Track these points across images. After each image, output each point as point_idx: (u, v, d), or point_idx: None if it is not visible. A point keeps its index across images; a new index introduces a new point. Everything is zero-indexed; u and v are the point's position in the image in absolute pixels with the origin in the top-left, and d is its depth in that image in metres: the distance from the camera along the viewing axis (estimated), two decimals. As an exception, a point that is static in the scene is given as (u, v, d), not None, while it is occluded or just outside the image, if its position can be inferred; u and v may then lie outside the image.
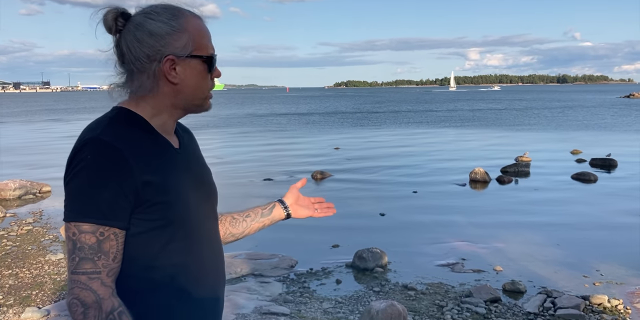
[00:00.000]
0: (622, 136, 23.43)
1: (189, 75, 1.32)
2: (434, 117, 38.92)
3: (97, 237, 1.18)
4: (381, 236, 8.30)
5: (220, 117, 41.28)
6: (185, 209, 1.31)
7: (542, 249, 7.66)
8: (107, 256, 1.19)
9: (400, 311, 4.76)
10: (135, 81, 1.30)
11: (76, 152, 1.22)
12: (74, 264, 1.18)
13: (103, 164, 1.19)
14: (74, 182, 1.20)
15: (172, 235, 1.28)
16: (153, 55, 1.28)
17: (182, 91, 1.32)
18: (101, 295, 1.18)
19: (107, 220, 1.19)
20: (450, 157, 17.07)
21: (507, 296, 6.01)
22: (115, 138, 1.22)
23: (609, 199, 10.87)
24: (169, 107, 1.34)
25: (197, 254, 1.35)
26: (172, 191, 1.28)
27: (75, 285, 1.18)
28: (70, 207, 1.21)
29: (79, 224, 1.18)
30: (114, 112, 1.32)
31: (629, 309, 5.69)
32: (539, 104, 61.40)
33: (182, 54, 1.30)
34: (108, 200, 1.18)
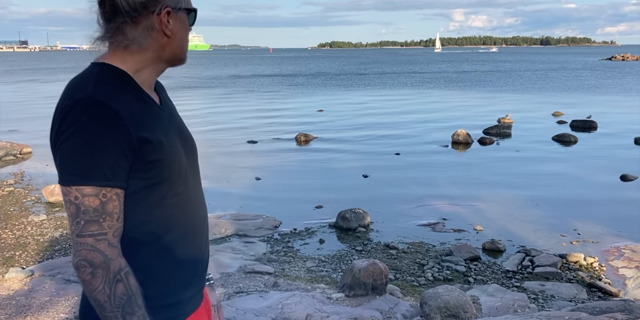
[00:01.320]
0: (603, 98, 23.62)
1: (178, 28, 1.32)
2: (420, 79, 38.78)
3: (101, 199, 1.18)
4: (364, 197, 8.38)
5: (204, 78, 40.70)
6: (177, 166, 1.32)
7: (521, 209, 7.81)
8: (112, 217, 1.20)
9: (382, 269, 4.85)
10: (128, 34, 1.26)
11: (67, 112, 1.17)
12: (79, 227, 1.18)
13: (99, 124, 1.16)
14: (70, 144, 1.16)
15: (166, 191, 1.29)
16: (152, 6, 1.26)
17: (171, 44, 1.32)
18: (109, 256, 1.18)
19: (109, 181, 1.18)
20: (433, 119, 17.12)
21: (486, 255, 6.15)
22: (109, 97, 1.19)
23: (588, 160, 11.05)
24: (154, 60, 1.32)
25: (188, 208, 1.37)
26: (165, 148, 1.28)
27: (82, 248, 1.18)
28: (68, 170, 1.18)
29: (80, 187, 1.17)
30: (98, 68, 1.27)
31: (603, 266, 5.87)
32: (524, 65, 61.37)
33: (177, 6, 1.30)
34: (108, 162, 1.17)
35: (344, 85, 33.63)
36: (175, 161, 1.31)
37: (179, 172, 1.33)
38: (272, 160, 11.24)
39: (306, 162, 10.99)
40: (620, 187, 9.05)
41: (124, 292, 1.19)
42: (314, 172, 10.13)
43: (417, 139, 13.64)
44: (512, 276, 5.55)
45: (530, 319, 3.92)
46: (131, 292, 1.21)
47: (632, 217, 7.42)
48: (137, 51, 1.29)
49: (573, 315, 3.84)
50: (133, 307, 1.21)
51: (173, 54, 1.34)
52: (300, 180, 9.56)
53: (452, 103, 22.20)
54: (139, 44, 1.28)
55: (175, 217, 1.33)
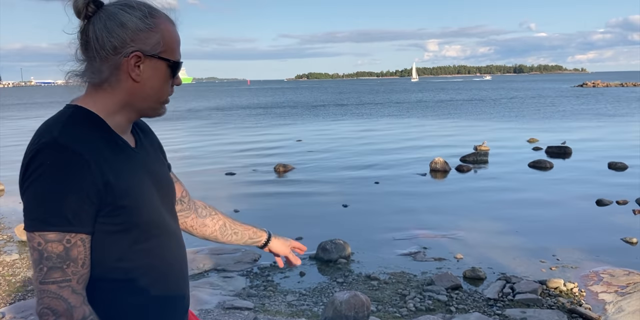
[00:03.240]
0: (577, 124, 24.12)
1: (151, 75, 1.28)
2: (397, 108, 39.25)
3: (64, 245, 1.15)
4: (344, 227, 8.34)
5: (183, 110, 40.69)
6: (147, 211, 1.29)
7: (501, 236, 7.84)
8: (76, 263, 1.17)
9: (363, 301, 4.80)
10: (96, 70, 1.25)
11: (32, 157, 1.16)
12: (42, 274, 1.15)
13: (63, 169, 1.14)
14: (33, 189, 1.15)
15: (136, 237, 1.27)
16: (120, 48, 1.23)
17: (141, 91, 1.28)
18: (72, 304, 1.15)
19: (72, 226, 1.15)
20: (411, 147, 17.27)
21: (467, 283, 6.13)
22: (74, 141, 1.17)
23: (564, 186, 11.18)
24: (124, 105, 1.29)
25: (162, 254, 1.34)
26: (134, 194, 1.25)
27: (45, 295, 1.15)
28: (32, 215, 1.16)
29: (43, 233, 1.14)
30: (70, 110, 1.27)
31: (583, 291, 5.88)
32: (500, 93, 62.60)
33: (150, 53, 1.26)
34: (72, 207, 1.15)
35: (322, 115, 33.89)
36: (145, 206, 1.28)
37: (151, 217, 1.30)
38: (250, 191, 11.18)
39: (285, 193, 10.96)
40: (596, 212, 9.17)
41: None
42: (293, 202, 10.09)
43: (396, 167, 13.71)
44: (494, 304, 5.52)
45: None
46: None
47: (609, 242, 7.49)
48: (108, 93, 1.27)
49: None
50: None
51: (143, 102, 1.30)
52: (279, 211, 9.51)
53: (430, 131, 22.46)
54: (109, 85, 1.26)
55: (150, 261, 1.31)
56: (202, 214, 1.71)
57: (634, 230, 7.89)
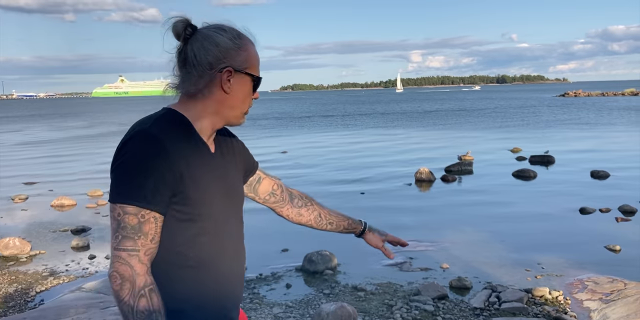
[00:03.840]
0: (559, 133, 24.43)
1: (239, 88, 1.49)
2: (383, 119, 39.44)
3: (139, 219, 1.32)
4: (330, 238, 8.26)
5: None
6: (211, 209, 1.45)
7: (486, 245, 7.88)
8: (146, 237, 1.34)
9: (350, 313, 4.79)
10: (193, 83, 1.45)
11: (125, 142, 1.37)
12: (117, 241, 1.33)
13: (148, 153, 1.33)
14: (122, 168, 1.34)
15: (199, 229, 1.43)
16: (215, 64, 1.44)
17: (229, 101, 1.49)
18: (137, 271, 1.31)
19: (148, 204, 1.33)
20: (396, 157, 17.35)
21: (454, 293, 6.14)
22: (161, 132, 1.37)
23: (548, 194, 11.29)
24: (212, 113, 1.49)
25: (219, 250, 1.49)
26: (202, 190, 1.42)
27: (116, 260, 1.32)
28: (116, 190, 1.34)
29: (124, 205, 1.32)
30: (163, 111, 1.48)
31: (568, 299, 5.92)
32: (483, 103, 63.23)
33: (239, 68, 1.47)
34: (151, 187, 1.32)
35: (307, 126, 33.95)
36: (210, 204, 1.45)
37: (214, 215, 1.46)
38: (236, 204, 11.12)
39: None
40: (579, 220, 9.26)
41: (145, 308, 1.30)
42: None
43: (381, 178, 13.76)
44: (480, 313, 5.53)
45: (499, 357, 3.89)
46: (152, 309, 1.31)
47: (592, 249, 7.56)
48: (200, 101, 1.47)
49: (541, 351, 3.83)
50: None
51: (230, 111, 1.51)
52: (264, 223, 9.43)
53: (415, 141, 22.60)
54: (202, 95, 1.47)
55: (206, 254, 1.45)
56: (297, 204, 1.89)
57: (617, 237, 7.97)
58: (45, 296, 6.07)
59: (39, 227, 9.29)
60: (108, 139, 27.54)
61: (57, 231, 9.02)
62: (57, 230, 9.05)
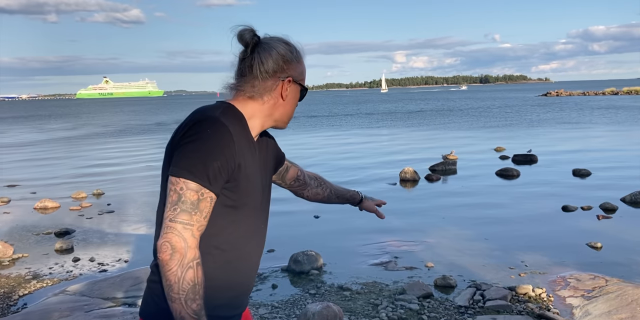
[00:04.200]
0: (542, 132, 24.69)
1: (292, 97, 1.67)
2: (368, 119, 39.54)
3: (199, 196, 1.42)
4: (316, 238, 8.35)
5: (150, 123, 40.29)
6: (254, 199, 1.60)
7: (470, 244, 7.95)
8: (201, 214, 1.43)
9: (336, 312, 4.82)
10: (257, 86, 1.59)
11: (196, 123, 1.46)
12: (174, 213, 1.40)
13: (219, 139, 1.44)
14: (191, 146, 1.43)
15: (240, 217, 1.55)
16: (279, 73, 1.60)
17: (283, 107, 1.65)
18: (189, 244, 1.39)
19: (209, 185, 1.43)
20: (381, 157, 17.42)
21: (438, 291, 6.19)
22: (229, 123, 1.49)
23: (531, 193, 11.42)
24: (266, 115, 1.63)
25: (250, 238, 1.61)
26: (250, 180, 1.55)
27: (170, 231, 1.39)
28: (182, 165, 1.42)
29: (187, 181, 1.41)
30: (226, 104, 1.59)
31: (551, 296, 5.99)
32: (467, 103, 63.67)
33: (296, 79, 1.65)
34: (214, 169, 1.42)
35: (292, 127, 33.91)
36: (253, 193, 1.58)
37: (254, 205, 1.60)
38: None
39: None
40: (562, 218, 9.38)
41: (192, 279, 1.38)
42: (265, 215, 10.04)
43: (366, 177, 13.81)
44: (465, 311, 5.58)
45: (483, 354, 3.94)
46: (197, 281, 1.40)
47: (575, 247, 7.67)
48: (259, 104, 1.61)
49: (525, 347, 3.88)
50: (196, 294, 1.39)
51: (281, 115, 1.67)
52: (251, 224, 9.45)
53: (400, 141, 22.70)
54: (260, 97, 1.60)
55: (238, 241, 1.56)
56: (314, 185, 2.14)
57: (599, 235, 8.09)
58: (29, 300, 6.01)
59: (21, 230, 9.20)
60: (92, 140, 27.34)
61: (40, 234, 8.93)
62: (40, 233, 8.96)
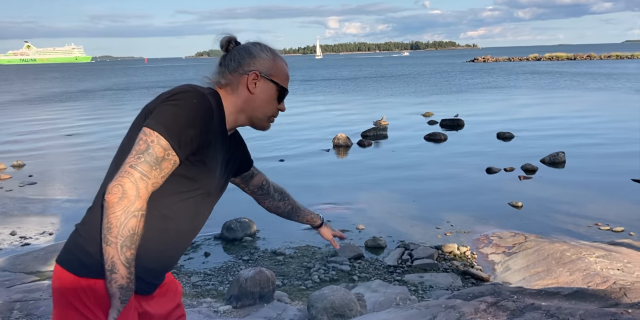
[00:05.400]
0: (468, 97, 25.44)
1: (263, 92, 1.68)
2: (300, 86, 39.32)
3: (164, 155, 1.44)
4: (249, 206, 8.26)
5: (75, 90, 38.39)
6: (209, 183, 1.60)
7: (400, 206, 8.18)
8: (161, 172, 1.44)
9: (268, 276, 4.86)
10: (226, 78, 1.66)
11: (183, 92, 1.50)
12: (137, 161, 1.42)
13: (201, 110, 1.49)
14: (173, 109, 1.47)
15: (191, 189, 1.55)
16: (245, 66, 1.67)
17: (252, 101, 1.68)
18: (140, 194, 1.40)
19: (178, 148, 1.45)
20: (315, 124, 17.46)
21: (369, 252, 6.37)
22: (213, 102, 1.55)
23: (457, 156, 11.83)
24: (239, 109, 1.68)
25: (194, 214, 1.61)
26: (210, 162, 1.57)
27: (127, 176, 1.41)
28: (161, 121, 1.45)
29: (160, 136, 1.43)
30: (213, 90, 1.64)
31: (475, 254, 6.30)
32: (398, 69, 64.46)
33: (265, 75, 1.68)
34: (187, 137, 1.45)
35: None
36: (210, 177, 1.60)
37: (206, 188, 1.60)
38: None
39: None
40: (486, 179, 9.79)
41: (133, 227, 1.40)
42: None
43: (300, 145, 13.84)
44: (394, 271, 5.79)
45: (410, 310, 4.10)
46: (137, 231, 1.41)
47: (497, 206, 8.05)
48: (229, 94, 1.66)
49: (449, 302, 4.06)
50: (133, 243, 1.41)
51: (253, 111, 1.70)
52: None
53: (334, 108, 22.77)
54: (231, 89, 1.66)
55: (182, 214, 1.57)
56: (277, 198, 2.15)
57: (520, 194, 8.52)
58: (-55, 277, 5.71)
59: None
60: (10, 109, 25.78)
61: (-45, 209, 8.44)
62: (-45, 208, 8.47)
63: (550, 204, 8.10)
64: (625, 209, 7.74)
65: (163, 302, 1.74)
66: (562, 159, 10.73)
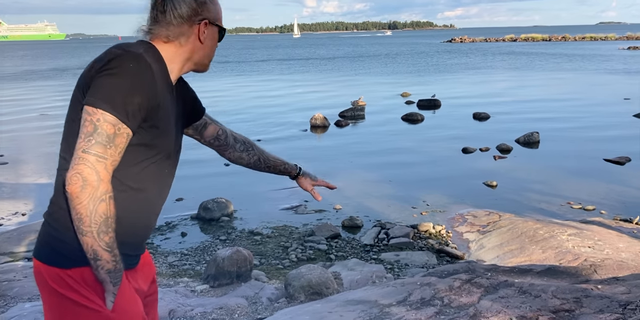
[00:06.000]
0: (445, 77, 25.54)
1: (210, 38, 1.63)
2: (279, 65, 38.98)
3: (115, 130, 1.37)
4: (227, 186, 8.31)
5: (46, 68, 37.48)
6: (168, 140, 1.57)
7: (376, 186, 8.23)
8: (116, 149, 1.38)
9: (246, 256, 4.87)
10: (172, 31, 1.55)
11: (117, 57, 1.40)
12: (88, 144, 1.35)
13: (141, 75, 1.40)
14: (111, 79, 1.37)
15: (150, 156, 1.51)
16: (193, 16, 1.57)
17: (202, 49, 1.62)
18: (102, 177, 1.35)
19: (127, 120, 1.38)
20: (292, 104, 17.38)
21: (346, 231, 6.41)
22: (152, 61, 1.45)
23: (433, 136, 11.91)
24: (185, 59, 1.61)
25: (159, 179, 1.58)
26: (164, 124, 1.52)
27: (83, 162, 1.34)
28: (101, 96, 1.36)
29: (105, 113, 1.35)
30: (148, 44, 1.53)
31: (450, 232, 6.39)
32: (376, 49, 64.24)
33: (212, 21, 1.62)
34: (133, 105, 1.38)
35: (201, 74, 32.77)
36: (167, 137, 1.56)
37: (165, 149, 1.56)
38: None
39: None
40: (461, 159, 9.89)
41: (104, 212, 1.36)
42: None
43: (278, 125, 13.77)
44: (370, 249, 5.85)
45: (386, 288, 4.15)
46: (110, 214, 1.37)
47: (472, 186, 8.16)
48: (177, 47, 1.58)
49: (424, 280, 4.13)
50: (109, 227, 1.38)
51: (201, 59, 1.65)
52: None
53: (312, 89, 22.66)
54: (179, 42, 1.57)
55: (145, 182, 1.53)
56: (239, 148, 2.04)
57: (494, 174, 8.63)
58: None
59: None
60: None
61: None
62: None
63: (524, 183, 8.23)
64: (597, 188, 7.91)
65: (144, 277, 1.71)
66: (537, 139, 10.88)
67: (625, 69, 27.34)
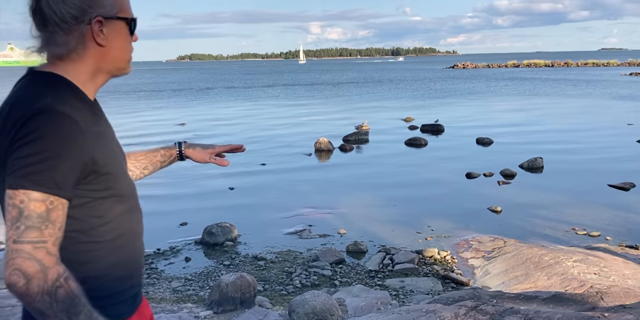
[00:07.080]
0: (448, 102, 25.66)
1: (115, 37, 1.30)
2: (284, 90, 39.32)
3: (47, 206, 1.16)
4: (231, 210, 8.31)
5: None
6: (124, 178, 1.36)
7: (381, 211, 8.22)
8: (54, 225, 1.18)
9: (249, 281, 4.84)
10: (60, 42, 1.24)
11: (28, 120, 1.15)
12: (18, 232, 1.14)
13: (62, 136, 1.16)
14: (28, 150, 1.14)
15: (115, 204, 1.32)
16: (81, 16, 1.24)
17: (108, 53, 1.31)
18: (46, 264, 1.15)
19: (59, 190, 1.17)
20: (297, 128, 17.47)
21: (350, 257, 6.38)
22: (69, 108, 1.19)
23: (437, 161, 11.92)
24: (94, 72, 1.32)
25: (134, 215, 1.42)
26: (112, 163, 1.30)
27: (18, 255, 1.13)
28: (21, 174, 1.14)
29: (28, 191, 1.14)
30: (51, 77, 1.26)
31: (455, 258, 6.35)
32: (380, 75, 64.81)
33: (110, 15, 1.28)
34: (63, 172, 1.17)
35: (207, 98, 33.14)
36: (122, 175, 1.36)
37: (127, 185, 1.37)
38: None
39: (169, 177, 10.64)
40: (466, 184, 9.88)
41: (66, 296, 1.17)
42: (177, 186, 9.86)
43: (282, 149, 13.83)
44: (375, 275, 5.81)
45: (392, 315, 4.12)
46: (73, 295, 1.19)
47: (477, 211, 8.14)
48: (77, 62, 1.28)
49: (430, 307, 4.10)
50: (78, 307, 1.19)
51: (112, 64, 1.33)
52: (163, 196, 9.25)
53: (316, 112, 22.81)
54: (77, 54, 1.27)
55: (125, 223, 1.37)
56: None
57: (499, 199, 8.62)
58: None
59: None
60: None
61: None
62: None
63: (529, 208, 8.21)
64: (602, 214, 7.88)
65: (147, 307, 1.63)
66: (540, 164, 10.88)
67: (630, 95, 27.47)
